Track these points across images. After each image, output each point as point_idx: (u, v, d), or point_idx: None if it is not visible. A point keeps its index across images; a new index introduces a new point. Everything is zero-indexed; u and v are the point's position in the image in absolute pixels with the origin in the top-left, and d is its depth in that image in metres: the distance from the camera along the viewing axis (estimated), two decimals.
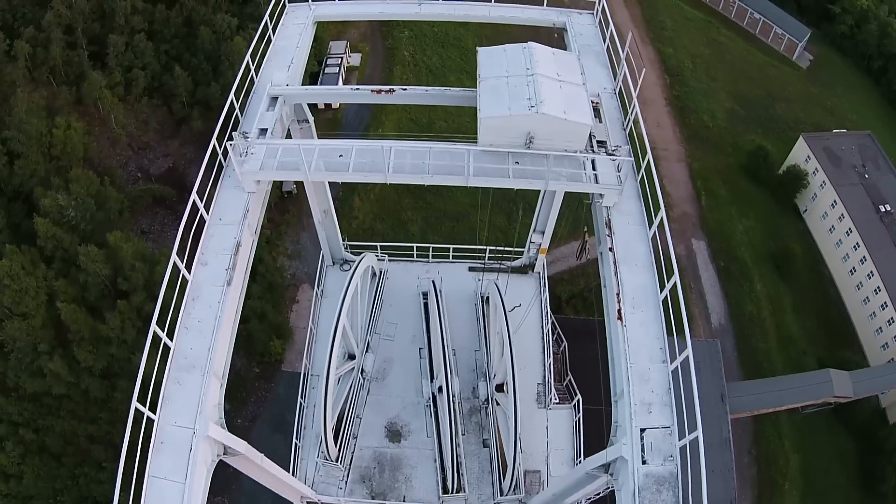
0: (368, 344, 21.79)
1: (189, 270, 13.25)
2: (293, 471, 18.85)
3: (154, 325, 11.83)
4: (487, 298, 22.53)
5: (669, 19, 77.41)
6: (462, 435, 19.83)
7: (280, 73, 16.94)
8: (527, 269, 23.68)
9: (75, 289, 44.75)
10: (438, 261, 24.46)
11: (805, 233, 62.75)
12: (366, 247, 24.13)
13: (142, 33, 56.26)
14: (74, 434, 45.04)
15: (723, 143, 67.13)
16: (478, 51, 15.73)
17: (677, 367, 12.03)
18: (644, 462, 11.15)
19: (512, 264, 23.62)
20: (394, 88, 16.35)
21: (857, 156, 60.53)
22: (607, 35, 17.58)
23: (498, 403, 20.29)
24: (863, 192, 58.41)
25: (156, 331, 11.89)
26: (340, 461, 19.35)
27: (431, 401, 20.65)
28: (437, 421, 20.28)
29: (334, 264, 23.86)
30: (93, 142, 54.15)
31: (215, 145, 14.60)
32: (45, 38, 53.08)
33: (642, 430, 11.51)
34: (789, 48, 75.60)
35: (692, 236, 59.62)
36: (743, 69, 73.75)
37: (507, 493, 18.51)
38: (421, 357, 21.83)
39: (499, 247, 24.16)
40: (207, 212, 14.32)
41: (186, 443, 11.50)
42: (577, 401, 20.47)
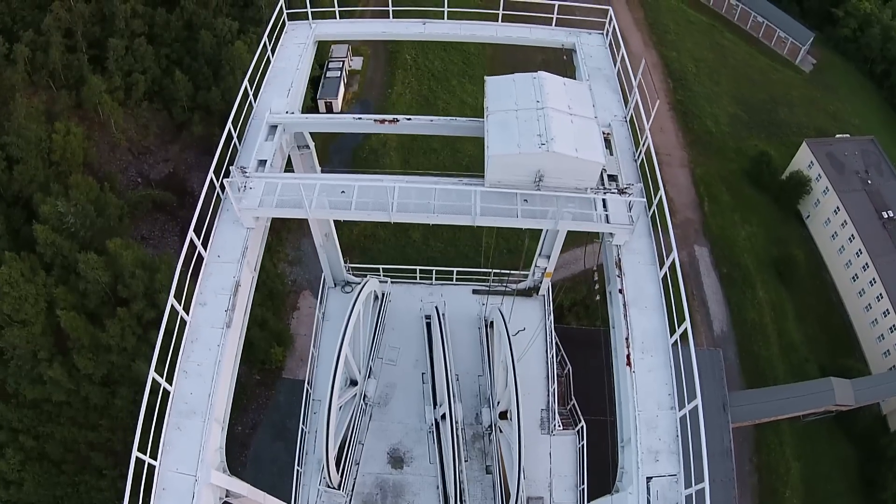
0: (371, 369, 21.56)
1: (187, 310, 12.96)
2: (295, 498, 18.70)
3: (153, 372, 11.65)
4: (491, 323, 22.25)
5: (672, 23, 77.04)
6: (465, 461, 19.62)
7: (279, 99, 16.38)
8: (531, 292, 23.33)
9: (75, 296, 44.62)
10: (442, 283, 24.14)
11: (807, 239, 62.69)
12: (368, 269, 23.88)
13: (142, 37, 55.95)
14: (75, 441, 45.12)
15: (726, 147, 66.96)
16: (485, 80, 15.10)
17: (685, 414, 11.88)
18: None
19: (517, 287, 23.33)
20: (397, 118, 15.97)
21: (860, 161, 60.38)
22: (618, 58, 17.07)
23: (501, 430, 20.11)
24: (865, 198, 58.32)
25: (154, 377, 11.71)
26: (342, 488, 19.14)
27: (434, 427, 20.43)
28: (439, 447, 20.04)
29: (336, 286, 23.62)
30: (92, 147, 53.85)
31: (213, 178, 14.07)
32: (44, 41, 52.69)
33: (649, 479, 11.39)
34: (792, 52, 75.31)
35: (695, 242, 59.49)
36: (746, 73, 73.50)
37: None
38: (424, 382, 21.57)
39: (503, 270, 23.87)
40: (205, 248, 13.94)
41: (188, 490, 11.40)
42: (581, 427, 20.27)
